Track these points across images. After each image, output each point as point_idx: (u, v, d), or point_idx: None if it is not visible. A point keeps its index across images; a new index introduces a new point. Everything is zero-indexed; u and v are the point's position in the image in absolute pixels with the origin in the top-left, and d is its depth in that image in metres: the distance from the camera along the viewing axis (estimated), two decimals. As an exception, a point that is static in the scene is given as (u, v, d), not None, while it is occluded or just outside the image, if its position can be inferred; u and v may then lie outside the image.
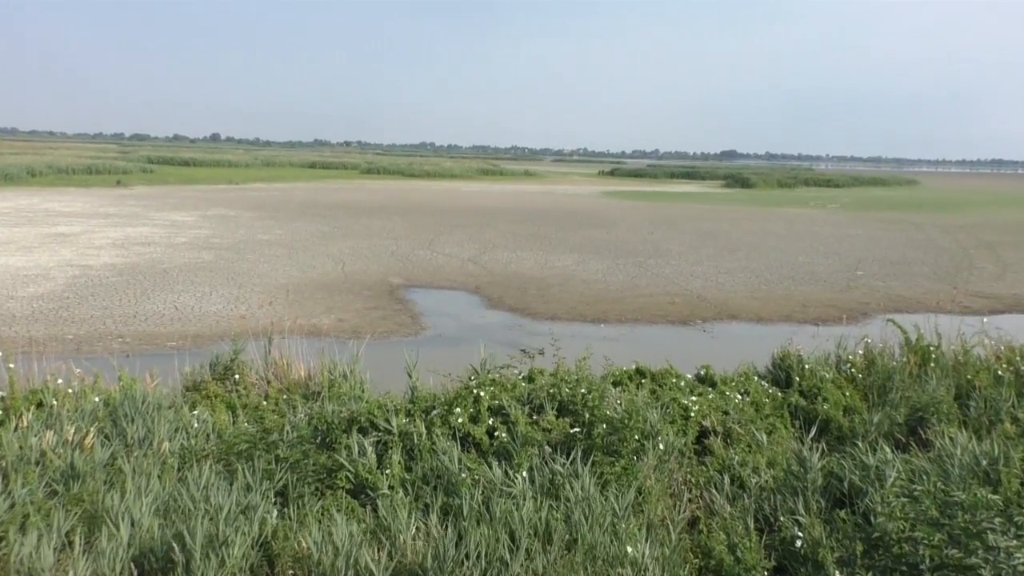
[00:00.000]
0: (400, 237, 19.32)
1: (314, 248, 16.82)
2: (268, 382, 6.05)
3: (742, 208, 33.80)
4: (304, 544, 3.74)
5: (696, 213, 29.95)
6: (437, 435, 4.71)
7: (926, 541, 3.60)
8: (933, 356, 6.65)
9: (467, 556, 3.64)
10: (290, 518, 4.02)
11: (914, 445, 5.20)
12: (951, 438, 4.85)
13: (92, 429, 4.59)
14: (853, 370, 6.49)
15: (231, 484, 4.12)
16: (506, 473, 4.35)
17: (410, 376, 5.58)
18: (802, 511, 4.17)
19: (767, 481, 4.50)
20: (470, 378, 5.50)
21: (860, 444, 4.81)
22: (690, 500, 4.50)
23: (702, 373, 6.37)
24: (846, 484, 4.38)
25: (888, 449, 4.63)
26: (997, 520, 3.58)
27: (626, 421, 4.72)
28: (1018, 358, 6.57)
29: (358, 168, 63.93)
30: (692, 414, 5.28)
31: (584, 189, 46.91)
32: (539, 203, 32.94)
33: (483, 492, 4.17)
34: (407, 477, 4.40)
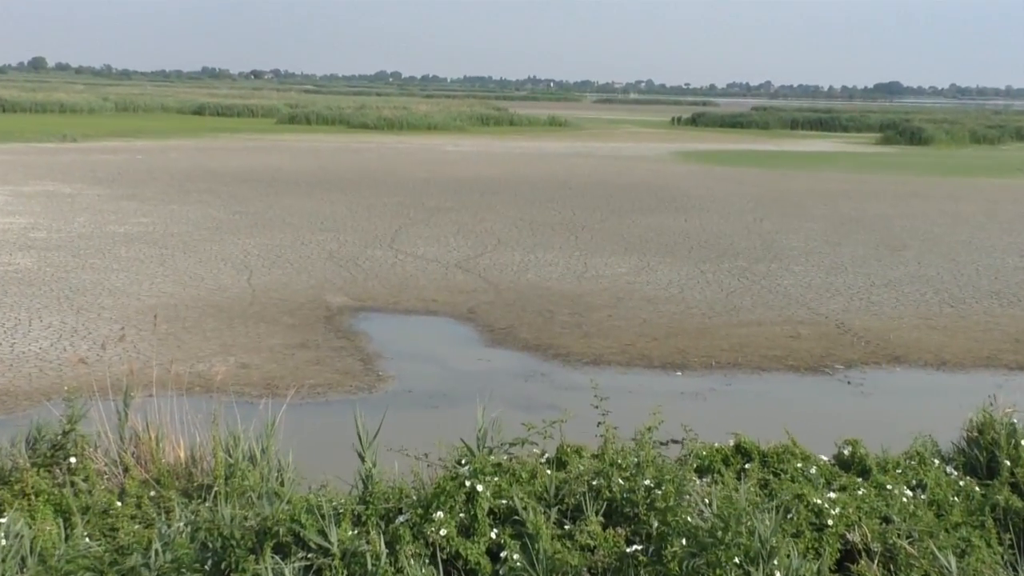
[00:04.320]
0: (344, 228, 19.41)
1: (202, 246, 16.93)
2: (125, 469, 6.06)
3: (911, 178, 33.76)
4: None
5: (834, 187, 29.93)
6: (406, 557, 4.69)
7: None
8: None
9: None
10: None
11: None
12: None
13: None
14: (1101, 448, 6.41)
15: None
16: (520, 621, 4.32)
17: (362, 459, 5.56)
18: None
19: (958, 635, 4.43)
20: (460, 462, 5.48)
21: (1114, 573, 4.75)
22: (828, 667, 4.44)
23: (846, 453, 6.31)
24: (1091, 640, 4.32)
25: None
26: None
27: (720, 534, 4.69)
28: None
29: (275, 115, 64.45)
30: (830, 522, 5.24)
31: (647, 148, 47.03)
32: (573, 171, 33.05)
33: (482, 653, 4.14)
34: (355, 627, 4.38)
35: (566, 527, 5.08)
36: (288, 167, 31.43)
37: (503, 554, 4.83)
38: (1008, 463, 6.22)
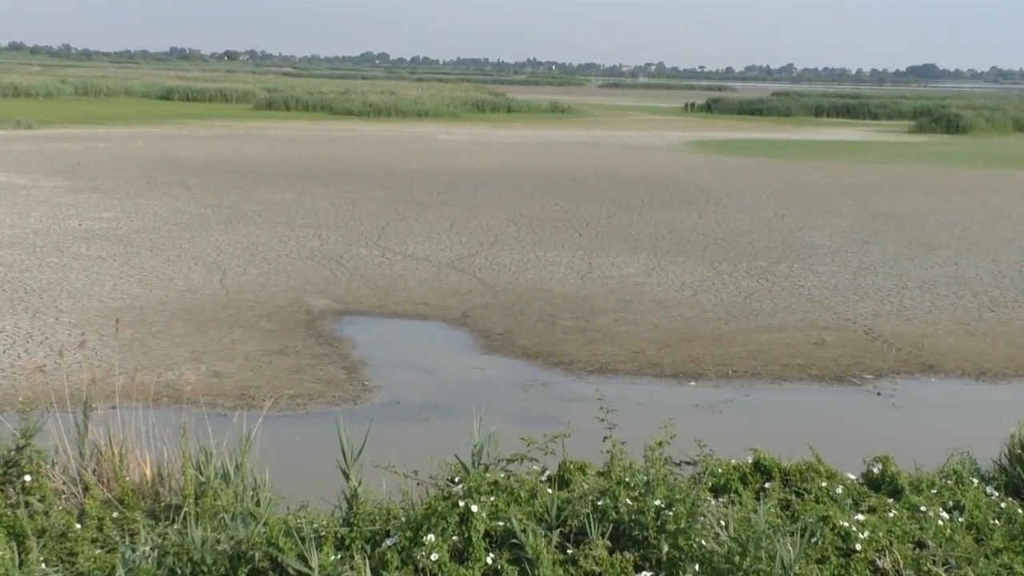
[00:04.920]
0: (326, 224, 19.40)
1: (170, 244, 16.92)
2: (86, 488, 6.05)
3: (948, 170, 33.78)
4: None
5: (862, 179, 29.95)
6: (393, 584, 4.69)
7: None
8: None
9: None
10: None
11: None
12: None
13: None
14: None
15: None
16: (518, 654, 4.32)
17: (346, 476, 5.56)
18: None
19: (998, 670, 4.43)
20: (453, 480, 5.49)
21: None
22: None
23: (875, 471, 6.32)
24: None
25: None
26: None
27: (737, 559, 4.69)
28: None
29: (250, 100, 64.43)
30: (858, 546, 5.24)
31: (657, 136, 47.07)
32: (577, 162, 33.07)
33: None
34: (338, 661, 4.38)
35: (569, 551, 5.08)
36: (265, 157, 31.42)
37: (500, 581, 4.83)
38: (1054, 482, 6.23)
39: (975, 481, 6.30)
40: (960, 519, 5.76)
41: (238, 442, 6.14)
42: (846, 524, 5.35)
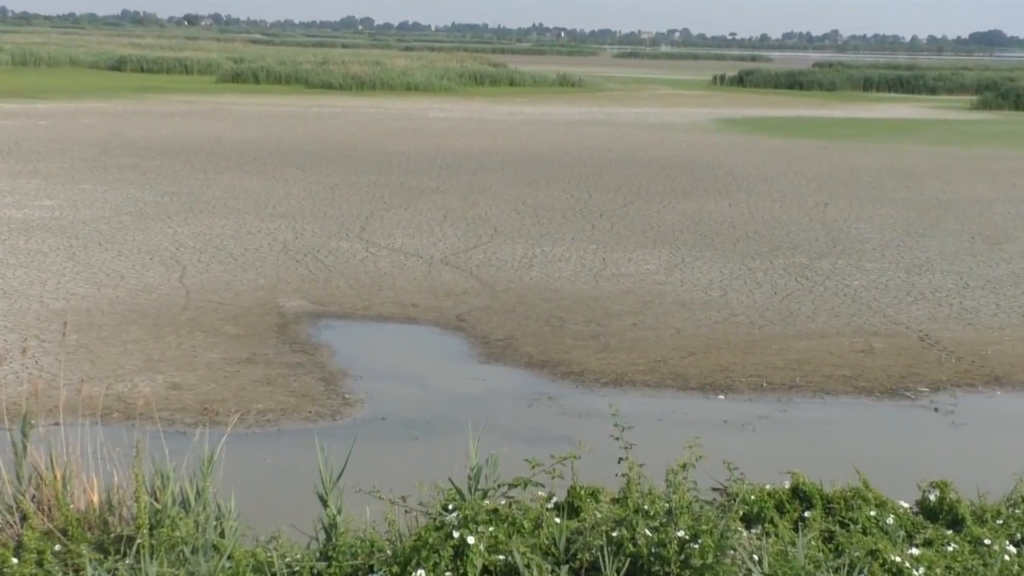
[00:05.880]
0: (301, 214, 19.40)
1: (122, 236, 16.92)
2: (24, 517, 6.05)
3: (1016, 152, 33.73)
4: None
5: (917, 163, 29.93)
6: (377, 627, 4.69)
7: None
8: None
9: None
10: None
11: None
12: None
13: None
14: None
15: None
16: None
17: (324, 503, 5.56)
18: None
19: None
20: (446, 507, 5.49)
21: None
22: None
23: (932, 499, 6.31)
24: None
25: None
26: None
27: (773, 599, 4.69)
28: None
29: (214, 71, 64.41)
30: (912, 585, 5.24)
31: (682, 114, 47.05)
32: (589, 143, 33.07)
33: None
34: None
35: (579, 590, 5.09)
36: (231, 137, 31.42)
37: (500, 624, 4.84)
38: None
39: (1048, 511, 6.30)
40: (1030, 555, 5.76)
41: (199, 464, 6.13)
42: (898, 559, 5.34)
